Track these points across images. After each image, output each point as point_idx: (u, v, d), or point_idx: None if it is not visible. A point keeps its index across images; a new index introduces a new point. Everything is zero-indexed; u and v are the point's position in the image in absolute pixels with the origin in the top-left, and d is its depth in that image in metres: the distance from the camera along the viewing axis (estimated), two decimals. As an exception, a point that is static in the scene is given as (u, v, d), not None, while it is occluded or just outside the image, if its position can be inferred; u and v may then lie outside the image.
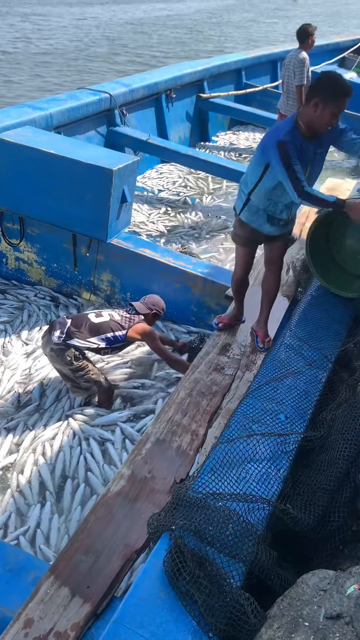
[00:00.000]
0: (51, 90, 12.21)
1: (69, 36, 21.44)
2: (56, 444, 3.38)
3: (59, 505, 3.05)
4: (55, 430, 3.47)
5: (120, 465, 3.11)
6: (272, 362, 3.02)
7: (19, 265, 5.05)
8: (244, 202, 3.08)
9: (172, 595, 1.81)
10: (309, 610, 1.73)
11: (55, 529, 2.90)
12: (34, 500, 3.05)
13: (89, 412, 3.63)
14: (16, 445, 3.39)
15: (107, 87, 7.05)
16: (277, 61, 10.89)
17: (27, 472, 3.19)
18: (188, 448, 2.69)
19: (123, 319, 3.70)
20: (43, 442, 3.38)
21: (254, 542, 1.97)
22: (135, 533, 2.26)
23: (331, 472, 2.29)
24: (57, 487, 3.14)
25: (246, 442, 2.43)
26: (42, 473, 3.19)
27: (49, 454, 3.32)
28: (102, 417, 3.59)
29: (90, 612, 1.97)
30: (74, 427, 3.50)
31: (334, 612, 1.69)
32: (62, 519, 2.97)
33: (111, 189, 4.18)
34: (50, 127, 5.75)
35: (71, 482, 3.16)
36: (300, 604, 1.78)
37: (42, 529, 2.89)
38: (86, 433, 3.46)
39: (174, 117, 8.48)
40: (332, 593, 1.76)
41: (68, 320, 3.56)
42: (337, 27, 28.02)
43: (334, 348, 3.14)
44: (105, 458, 3.34)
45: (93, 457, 3.32)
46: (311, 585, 1.83)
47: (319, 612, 1.71)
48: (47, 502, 3.04)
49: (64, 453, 3.32)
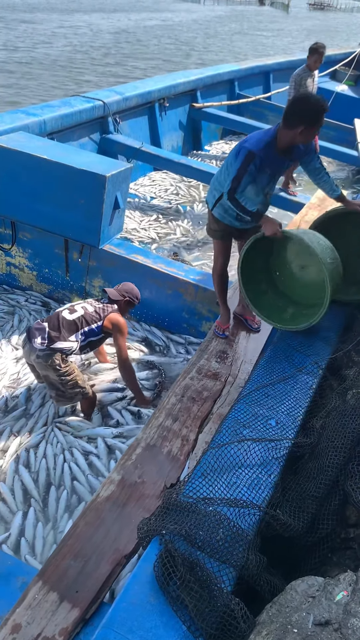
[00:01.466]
0: (44, 97, 12.26)
1: (61, 44, 21.55)
2: (40, 452, 3.36)
3: (45, 513, 3.02)
4: (40, 437, 3.45)
5: (106, 474, 3.10)
6: (263, 368, 3.04)
7: (10, 270, 5.03)
8: (215, 199, 3.31)
9: (162, 600, 1.80)
10: (298, 616, 1.73)
11: (40, 537, 2.87)
12: (17, 507, 3.02)
13: (73, 424, 3.60)
14: (2, 452, 3.36)
15: (101, 94, 7.08)
16: (270, 72, 11.03)
17: (9, 479, 3.17)
18: (179, 453, 2.68)
19: (97, 309, 3.62)
20: (27, 448, 3.36)
21: (244, 547, 1.97)
22: (124, 538, 2.25)
23: (320, 479, 2.30)
24: (41, 495, 3.12)
25: (237, 447, 2.43)
26: (25, 480, 3.17)
27: (32, 461, 3.30)
28: (87, 430, 3.56)
29: (79, 617, 1.96)
30: (59, 436, 3.48)
31: (323, 618, 1.69)
32: (49, 527, 2.94)
33: (104, 195, 4.19)
34: (44, 134, 5.76)
35: (56, 490, 3.14)
36: (289, 611, 1.78)
37: (26, 537, 2.86)
38: (70, 444, 3.44)
39: (167, 125, 8.53)
40: (320, 600, 1.77)
41: (45, 324, 3.46)
42: (327, 41, 28.42)
43: (324, 355, 3.16)
44: (92, 469, 3.33)
45: (78, 467, 3.29)
46: (300, 592, 1.83)
47: (308, 619, 1.71)
48: (30, 509, 3.01)
49: (46, 461, 3.30)
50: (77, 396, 3.58)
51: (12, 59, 17.50)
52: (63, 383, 3.45)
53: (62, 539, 2.27)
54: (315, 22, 41.25)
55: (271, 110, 9.67)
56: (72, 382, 3.48)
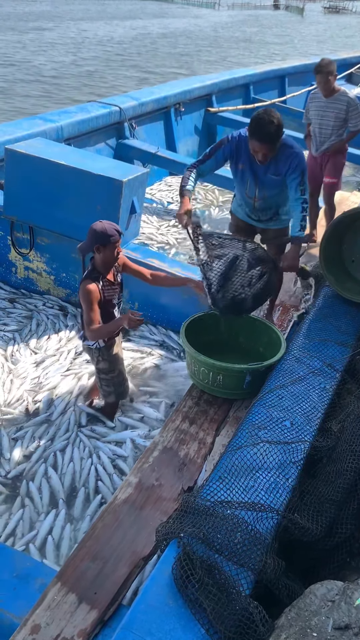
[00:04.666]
0: (63, 104, 12.42)
1: (77, 50, 21.81)
2: (67, 455, 3.36)
3: (70, 514, 3.04)
4: (65, 442, 3.45)
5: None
6: (279, 372, 3.03)
7: (28, 274, 5.08)
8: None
9: (180, 603, 1.80)
10: (317, 620, 1.73)
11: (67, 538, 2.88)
12: (44, 509, 3.04)
13: (99, 430, 3.60)
14: (25, 457, 3.39)
15: (117, 100, 7.14)
16: (285, 76, 11.02)
17: (37, 480, 3.18)
18: (195, 456, 2.69)
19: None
20: (54, 452, 3.37)
21: (262, 551, 1.96)
22: (142, 540, 2.26)
23: (339, 483, 2.29)
24: (67, 497, 3.13)
25: (254, 450, 2.43)
26: (53, 482, 3.18)
27: (59, 464, 3.31)
28: (114, 434, 3.55)
29: (97, 618, 1.97)
30: (85, 441, 3.48)
31: (343, 623, 1.68)
32: (72, 528, 2.95)
33: (121, 200, 4.22)
34: (61, 139, 5.82)
35: (84, 491, 3.15)
36: (308, 615, 1.77)
37: (53, 537, 2.87)
38: (97, 447, 3.44)
39: (182, 130, 8.57)
40: (340, 604, 1.76)
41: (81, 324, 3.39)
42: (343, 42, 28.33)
43: (341, 359, 3.14)
44: (117, 470, 3.32)
45: (105, 469, 3.28)
46: (319, 596, 1.82)
47: (327, 623, 1.70)
48: (61, 510, 3.02)
49: (73, 464, 3.30)
50: (110, 395, 3.57)
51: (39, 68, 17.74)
52: (100, 378, 3.50)
53: (81, 541, 2.29)
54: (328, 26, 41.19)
55: (287, 114, 9.60)
56: (107, 380, 3.49)
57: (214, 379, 2.98)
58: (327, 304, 3.65)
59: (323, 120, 4.90)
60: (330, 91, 4.81)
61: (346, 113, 4.80)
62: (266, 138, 3.09)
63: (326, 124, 4.90)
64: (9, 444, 3.43)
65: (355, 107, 4.81)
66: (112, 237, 3.04)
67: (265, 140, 3.10)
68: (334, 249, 3.68)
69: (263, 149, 3.14)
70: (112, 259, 3.16)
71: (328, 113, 4.86)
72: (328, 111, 4.85)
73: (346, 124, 4.88)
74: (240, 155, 3.29)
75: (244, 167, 3.31)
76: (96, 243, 3.05)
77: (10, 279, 5.19)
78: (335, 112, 4.82)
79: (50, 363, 4.15)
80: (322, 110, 4.88)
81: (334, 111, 4.83)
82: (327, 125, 4.91)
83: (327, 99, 4.85)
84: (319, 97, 4.90)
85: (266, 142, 3.11)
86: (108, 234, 3.03)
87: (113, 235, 3.05)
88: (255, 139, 3.12)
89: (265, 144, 3.12)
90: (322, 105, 4.88)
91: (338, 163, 5.00)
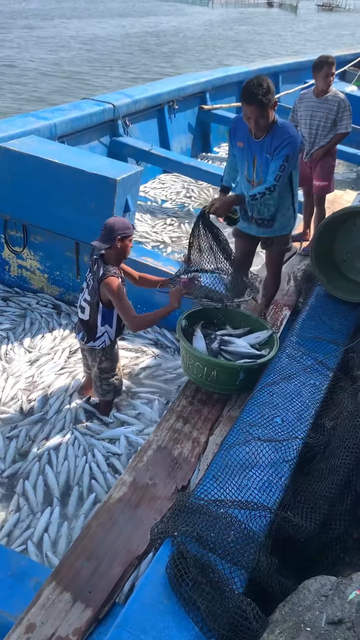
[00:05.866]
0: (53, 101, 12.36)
1: (69, 48, 21.72)
2: (61, 453, 3.36)
3: (63, 512, 3.04)
4: (60, 440, 3.45)
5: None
6: (273, 371, 3.05)
7: (22, 272, 5.07)
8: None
9: (174, 601, 1.82)
10: (311, 615, 1.75)
11: (64, 535, 2.88)
12: (38, 507, 3.04)
13: (93, 427, 3.59)
14: (20, 456, 3.39)
15: (111, 97, 7.12)
16: (279, 74, 11.00)
17: (32, 479, 3.19)
18: (189, 455, 2.71)
19: (92, 287, 3.26)
20: (49, 450, 3.37)
21: (255, 549, 1.98)
22: (136, 539, 2.28)
23: (332, 479, 2.31)
24: (61, 495, 3.13)
25: (247, 449, 2.44)
26: (49, 480, 3.18)
27: (54, 462, 3.31)
28: (107, 431, 3.55)
29: (92, 617, 1.98)
30: (80, 438, 3.48)
31: (336, 617, 1.70)
32: (68, 525, 2.95)
33: (114, 198, 4.21)
34: (55, 137, 5.79)
35: (77, 490, 3.15)
36: (302, 609, 1.79)
37: (49, 535, 2.87)
38: (91, 445, 3.44)
39: (176, 128, 8.55)
40: (333, 599, 1.78)
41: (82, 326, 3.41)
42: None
43: (335, 357, 3.17)
44: (111, 468, 3.32)
45: (99, 467, 3.28)
46: (313, 591, 1.84)
47: (321, 618, 1.72)
48: (55, 508, 3.02)
49: (68, 462, 3.30)
50: (109, 394, 3.61)
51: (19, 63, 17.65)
52: (101, 378, 3.52)
53: (76, 539, 2.31)
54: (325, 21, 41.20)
55: (280, 112, 9.57)
56: (109, 380, 3.53)
57: (208, 374, 3.01)
58: (319, 303, 3.67)
59: (312, 121, 4.77)
60: (324, 90, 4.71)
61: (336, 114, 4.71)
62: (255, 99, 3.00)
63: (316, 124, 4.77)
64: (4, 442, 3.43)
65: (346, 108, 4.73)
66: (131, 229, 3.22)
67: (254, 101, 3.01)
68: (325, 248, 3.70)
69: (252, 111, 3.06)
70: (127, 252, 3.28)
71: (318, 113, 4.74)
72: (318, 111, 4.73)
73: (335, 126, 4.77)
74: (238, 132, 3.31)
75: (243, 145, 3.30)
76: (118, 234, 3.13)
77: (3, 277, 5.18)
78: (326, 113, 4.70)
79: (45, 361, 4.15)
80: (313, 110, 4.75)
81: (324, 111, 4.71)
82: (316, 126, 4.78)
83: (318, 99, 4.73)
84: (309, 97, 4.79)
85: (254, 104, 3.02)
86: (128, 225, 3.21)
87: (131, 227, 3.23)
88: (244, 102, 3.05)
89: (253, 106, 3.03)
90: (313, 105, 4.75)
91: (327, 165, 4.93)
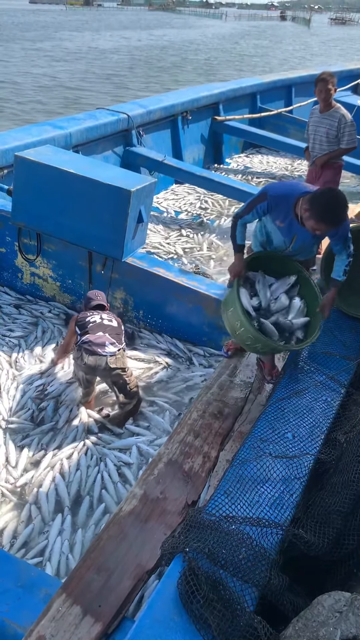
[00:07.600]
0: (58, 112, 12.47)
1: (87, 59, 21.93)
2: (73, 463, 3.36)
3: (74, 522, 3.04)
4: (72, 450, 3.44)
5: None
6: (284, 385, 3.05)
7: (34, 280, 5.11)
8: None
9: (185, 618, 1.81)
10: (325, 631, 1.73)
11: (79, 544, 2.88)
12: (49, 516, 3.05)
13: (105, 437, 3.60)
14: (31, 464, 3.39)
15: (125, 107, 7.19)
16: (292, 86, 11.08)
17: (44, 488, 3.18)
18: (200, 470, 2.70)
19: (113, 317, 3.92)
20: (61, 459, 3.37)
21: (266, 567, 1.97)
22: (147, 553, 2.27)
23: (345, 494, 2.29)
24: (72, 504, 3.13)
25: (259, 465, 2.44)
26: (59, 490, 3.18)
27: (66, 471, 3.31)
28: (119, 441, 3.56)
29: (101, 631, 1.98)
30: (92, 448, 3.48)
31: (350, 634, 1.69)
32: (81, 535, 2.95)
33: (128, 209, 4.24)
34: (69, 146, 5.85)
35: (88, 500, 3.15)
36: (316, 625, 1.78)
37: (61, 544, 2.87)
38: (103, 455, 3.44)
39: (189, 138, 8.61)
40: (348, 615, 1.76)
41: (106, 335, 3.67)
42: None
43: (347, 373, 3.16)
44: (122, 478, 3.32)
45: (110, 477, 3.28)
46: (327, 607, 1.83)
47: (335, 634, 1.71)
48: (66, 517, 3.03)
49: (80, 472, 3.30)
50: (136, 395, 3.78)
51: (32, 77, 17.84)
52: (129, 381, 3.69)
53: (86, 552, 2.30)
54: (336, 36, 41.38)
55: (293, 124, 9.70)
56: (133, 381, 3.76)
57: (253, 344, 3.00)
58: (332, 318, 3.66)
59: (316, 135, 4.90)
60: (327, 106, 4.80)
61: (337, 130, 4.78)
62: (338, 223, 2.87)
63: (319, 139, 4.89)
64: (16, 451, 3.44)
65: (347, 124, 4.78)
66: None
67: (337, 224, 2.88)
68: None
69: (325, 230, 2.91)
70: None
71: (321, 129, 4.84)
72: (321, 127, 4.84)
73: (338, 141, 4.84)
74: (280, 213, 3.04)
75: (283, 225, 3.08)
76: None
77: (16, 285, 5.22)
78: (327, 128, 4.80)
79: (57, 370, 4.16)
80: (317, 125, 4.88)
81: (326, 127, 4.81)
82: (320, 141, 4.90)
83: (322, 115, 4.84)
84: (316, 113, 4.91)
85: (337, 226, 2.90)
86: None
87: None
88: (324, 223, 2.83)
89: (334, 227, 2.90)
90: (317, 121, 4.88)
91: (330, 179, 4.98)
